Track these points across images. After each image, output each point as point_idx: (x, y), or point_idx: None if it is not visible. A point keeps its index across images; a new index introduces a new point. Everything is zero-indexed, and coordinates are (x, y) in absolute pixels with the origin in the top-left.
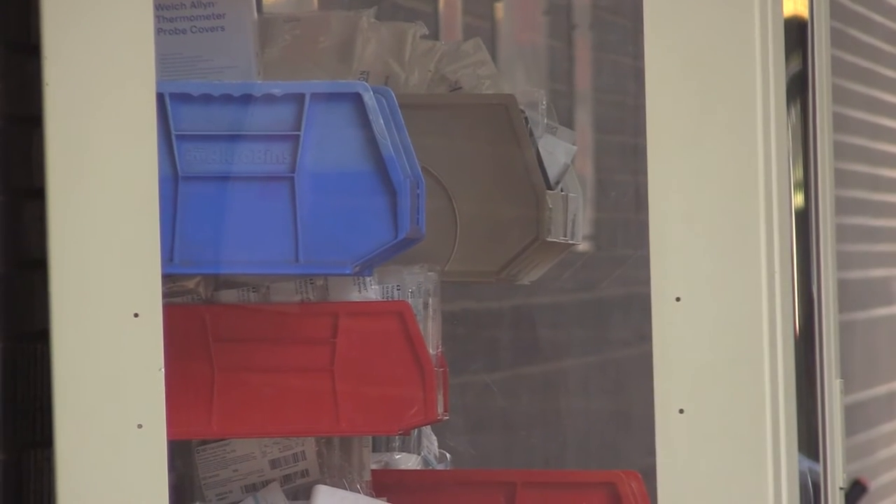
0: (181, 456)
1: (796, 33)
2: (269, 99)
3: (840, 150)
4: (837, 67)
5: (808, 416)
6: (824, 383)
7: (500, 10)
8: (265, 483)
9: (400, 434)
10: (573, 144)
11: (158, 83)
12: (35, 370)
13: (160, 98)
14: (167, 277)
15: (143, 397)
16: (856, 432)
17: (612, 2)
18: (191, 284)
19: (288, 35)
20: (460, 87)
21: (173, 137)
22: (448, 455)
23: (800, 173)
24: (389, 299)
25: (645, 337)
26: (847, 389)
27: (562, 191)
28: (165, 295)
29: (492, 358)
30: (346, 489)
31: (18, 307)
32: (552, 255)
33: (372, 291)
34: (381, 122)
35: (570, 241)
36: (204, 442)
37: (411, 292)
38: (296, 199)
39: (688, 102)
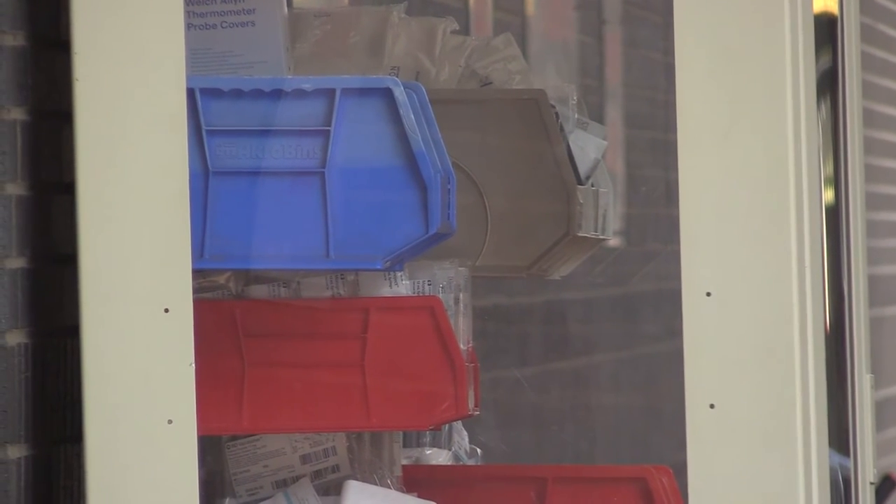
0: (211, 451)
1: (826, 29)
2: (300, 94)
3: (870, 146)
4: (867, 63)
5: (839, 411)
6: (854, 378)
7: (530, 5)
8: (296, 478)
9: (431, 429)
10: (604, 140)
11: (189, 78)
12: (65, 366)
13: (190, 93)
14: (198, 273)
15: (174, 393)
16: (886, 427)
17: None
18: (221, 280)
19: (318, 30)
20: (491, 83)
21: (204, 132)
22: (479, 450)
23: (830, 169)
24: (420, 294)
25: (675, 332)
26: (877, 384)
27: (592, 186)
28: (196, 290)
29: (522, 353)
30: (376, 484)
31: (48, 302)
32: (583, 250)
33: (403, 286)
34: (412, 117)
35: (601, 237)
36: (234, 437)
37: (442, 287)
38: (326, 194)
39: (718, 98)
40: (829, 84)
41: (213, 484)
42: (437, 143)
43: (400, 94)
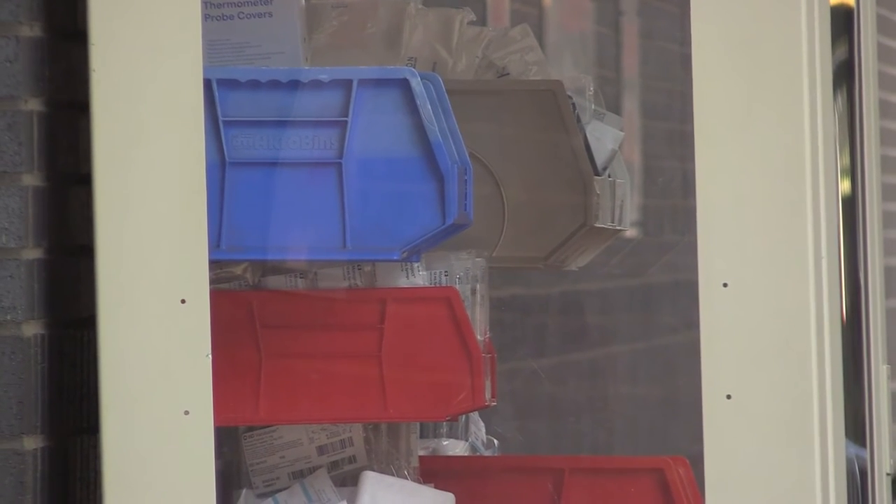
0: (228, 442)
1: (843, 20)
2: (317, 85)
3: (886, 137)
4: (883, 54)
5: (855, 402)
6: (871, 369)
7: None
8: (312, 469)
9: (448, 420)
10: (620, 130)
11: (206, 69)
12: (81, 357)
13: (207, 84)
14: (214, 263)
15: (190, 384)
16: None
17: None
18: (238, 270)
19: (335, 21)
20: (508, 73)
21: (220, 123)
22: (496, 441)
23: (846, 160)
24: (437, 285)
25: (692, 323)
26: (894, 375)
27: (609, 177)
28: (213, 281)
29: (539, 344)
30: (393, 475)
31: (64, 293)
32: (600, 241)
33: (420, 277)
34: (429, 107)
35: (618, 227)
36: (251, 428)
37: (459, 278)
38: (343, 184)
39: (735, 89)
40: (845, 75)
41: (230, 475)
42: (454, 133)
43: (417, 84)
